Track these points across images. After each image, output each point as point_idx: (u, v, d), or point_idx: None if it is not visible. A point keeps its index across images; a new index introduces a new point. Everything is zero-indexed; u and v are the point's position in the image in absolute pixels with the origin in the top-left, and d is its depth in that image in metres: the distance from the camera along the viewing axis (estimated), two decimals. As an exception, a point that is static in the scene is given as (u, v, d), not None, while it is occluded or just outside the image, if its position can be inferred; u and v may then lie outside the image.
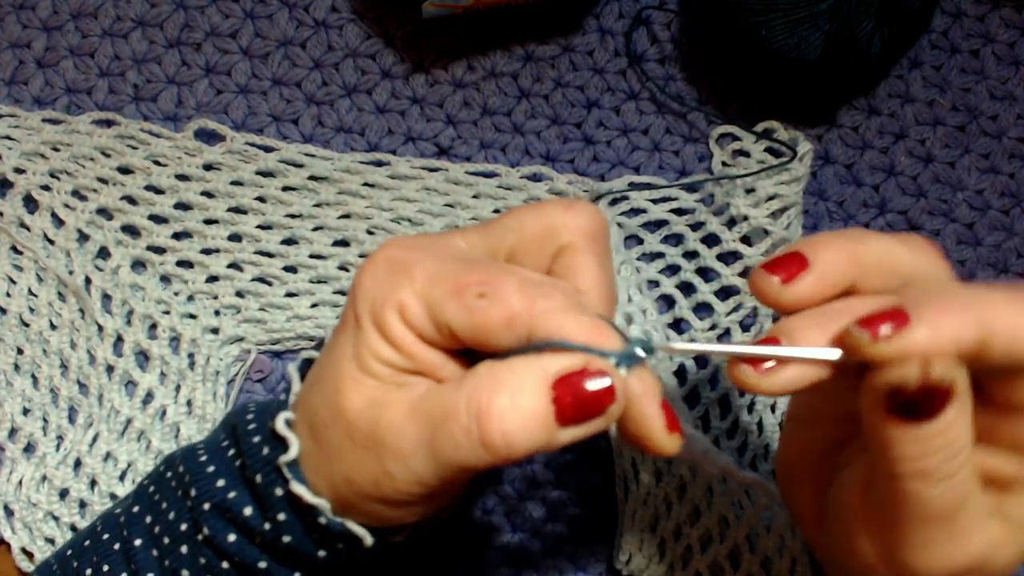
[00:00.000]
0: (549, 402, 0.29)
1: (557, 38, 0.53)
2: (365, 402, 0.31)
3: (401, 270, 0.32)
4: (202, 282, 0.50)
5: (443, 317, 0.31)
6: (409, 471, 0.31)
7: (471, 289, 0.30)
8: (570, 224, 0.33)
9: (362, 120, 0.53)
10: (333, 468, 0.32)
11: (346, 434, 0.32)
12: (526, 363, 0.30)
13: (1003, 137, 0.54)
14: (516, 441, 0.29)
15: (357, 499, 0.32)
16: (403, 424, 0.30)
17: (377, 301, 0.31)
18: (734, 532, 0.48)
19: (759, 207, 0.49)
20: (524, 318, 0.30)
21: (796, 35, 0.48)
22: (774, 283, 0.31)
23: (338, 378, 0.32)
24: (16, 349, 0.49)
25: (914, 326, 0.29)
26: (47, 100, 0.51)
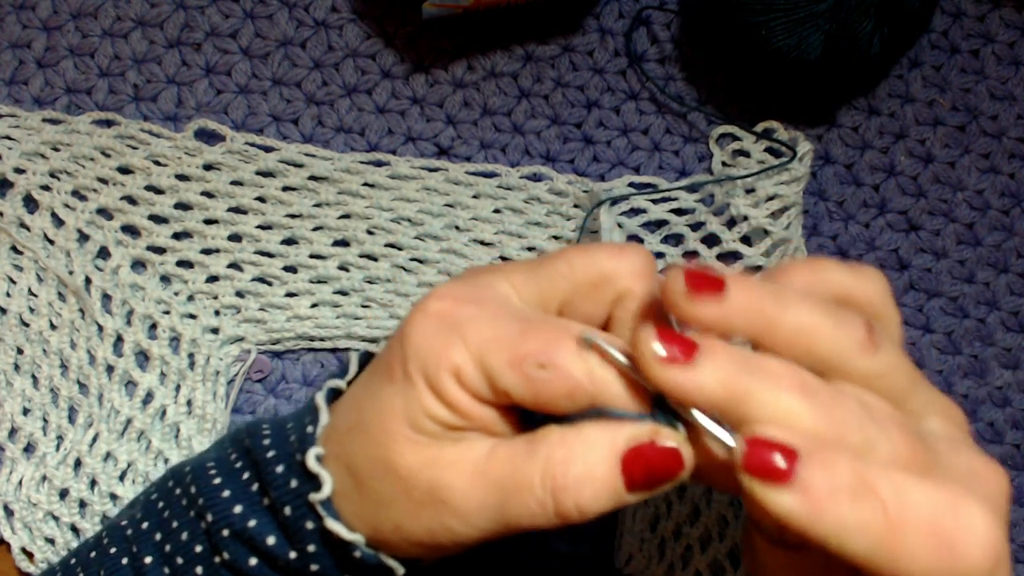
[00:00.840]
0: (619, 473, 0.29)
1: (557, 38, 0.53)
2: (421, 461, 0.31)
3: (453, 329, 0.31)
4: (202, 282, 0.50)
5: (501, 384, 0.30)
6: (472, 528, 0.31)
7: (529, 360, 0.30)
8: (624, 269, 0.32)
9: (362, 120, 0.53)
10: (380, 515, 0.32)
11: (401, 490, 0.31)
12: (597, 433, 0.30)
13: (1003, 137, 0.54)
14: (589, 510, 0.29)
15: (404, 544, 0.32)
16: (468, 488, 0.31)
17: (430, 361, 0.31)
18: (734, 531, 0.48)
19: (759, 207, 0.49)
20: (586, 390, 0.30)
21: (796, 35, 0.48)
22: (681, 287, 0.29)
23: (388, 434, 0.32)
24: (16, 349, 0.49)
25: (786, 490, 0.26)
26: (47, 100, 0.51)
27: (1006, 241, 0.54)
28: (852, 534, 0.25)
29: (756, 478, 0.26)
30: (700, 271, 0.29)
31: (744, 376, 0.27)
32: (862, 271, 0.32)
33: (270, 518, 0.35)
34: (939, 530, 0.25)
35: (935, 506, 0.26)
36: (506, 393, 0.30)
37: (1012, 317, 0.54)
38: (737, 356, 0.28)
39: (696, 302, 0.28)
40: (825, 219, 0.54)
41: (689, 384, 0.28)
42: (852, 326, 0.29)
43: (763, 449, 0.26)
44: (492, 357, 0.30)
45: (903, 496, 0.26)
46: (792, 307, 0.29)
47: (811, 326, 0.29)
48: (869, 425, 0.27)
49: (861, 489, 0.26)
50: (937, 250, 0.54)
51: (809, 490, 0.25)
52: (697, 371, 0.27)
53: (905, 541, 0.25)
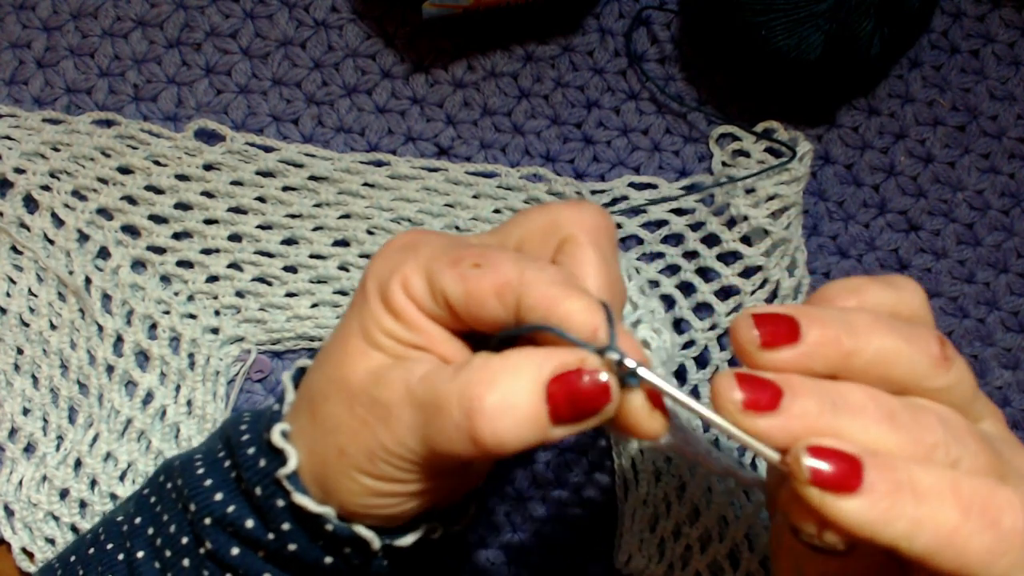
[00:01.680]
0: (543, 401, 0.29)
1: (557, 38, 0.53)
2: (368, 376, 0.32)
3: (409, 248, 0.33)
4: (202, 282, 0.51)
5: (439, 285, 0.31)
6: (403, 447, 0.31)
7: (467, 260, 0.31)
8: (573, 218, 0.33)
9: (362, 120, 0.53)
10: (327, 441, 0.33)
11: (346, 405, 0.32)
12: (521, 358, 0.29)
13: (1003, 137, 0.54)
14: (506, 440, 0.29)
15: (347, 473, 0.32)
16: (400, 405, 0.31)
17: (384, 276, 0.32)
18: (733, 531, 0.48)
19: (759, 207, 0.49)
20: (514, 286, 0.30)
21: (796, 35, 0.48)
22: (754, 339, 0.28)
23: (344, 352, 0.33)
24: (16, 349, 0.49)
25: (854, 497, 0.26)
26: (47, 100, 0.51)
27: (1006, 241, 0.54)
28: (920, 531, 0.26)
29: (822, 487, 0.26)
30: (769, 315, 0.28)
31: (831, 416, 0.27)
32: (899, 284, 0.32)
33: (245, 501, 0.35)
34: (999, 522, 0.26)
35: (997, 499, 0.26)
36: (443, 294, 0.31)
37: (1012, 317, 0.54)
38: (822, 394, 0.28)
39: (771, 351, 0.28)
40: (825, 219, 0.54)
41: (776, 431, 0.27)
42: (926, 344, 0.29)
43: (827, 458, 0.26)
44: (435, 263, 0.31)
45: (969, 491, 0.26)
46: (867, 334, 0.29)
47: (889, 351, 0.29)
48: (953, 444, 0.28)
49: (925, 489, 0.26)
50: (937, 250, 0.54)
51: (876, 493, 0.26)
52: (783, 416, 0.27)
53: (968, 534, 0.26)
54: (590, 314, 0.29)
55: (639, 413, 0.30)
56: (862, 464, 0.26)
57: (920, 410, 0.28)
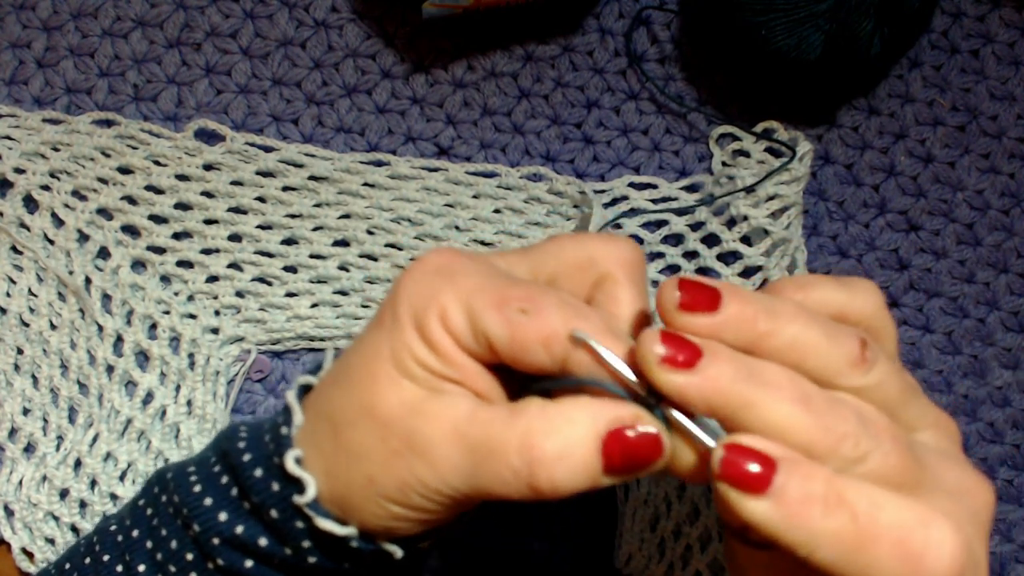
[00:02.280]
0: (599, 452, 0.29)
1: (557, 38, 0.53)
2: (402, 405, 0.31)
3: (446, 276, 0.32)
4: (202, 282, 0.51)
5: (482, 326, 0.31)
6: (444, 485, 0.31)
7: (513, 304, 0.30)
8: (610, 255, 0.33)
9: (362, 120, 0.53)
10: (354, 467, 0.32)
11: (377, 435, 0.31)
12: (578, 409, 0.30)
13: (1003, 137, 0.54)
14: (562, 487, 0.30)
15: (374, 500, 0.32)
16: (445, 444, 0.30)
17: (419, 303, 0.31)
18: (734, 532, 0.48)
19: (759, 207, 0.49)
20: (562, 339, 0.30)
21: (796, 35, 0.48)
22: (674, 299, 0.29)
23: (372, 376, 0.32)
24: (16, 349, 0.49)
25: (762, 498, 0.26)
26: (47, 100, 0.51)
27: (1006, 241, 0.54)
28: (822, 543, 0.26)
29: (731, 485, 0.26)
30: (694, 282, 0.29)
31: (744, 384, 0.28)
32: (854, 285, 0.32)
33: (256, 521, 0.34)
34: (908, 545, 0.26)
35: (908, 522, 0.26)
36: (486, 336, 0.31)
37: (1012, 317, 0.54)
38: (739, 363, 0.28)
39: (688, 314, 0.29)
40: (825, 219, 0.54)
41: (690, 388, 0.28)
42: (846, 342, 0.29)
43: (741, 456, 0.27)
44: (477, 299, 0.31)
45: (877, 510, 0.26)
46: (785, 321, 0.29)
47: (804, 341, 0.29)
48: (864, 437, 0.28)
49: (834, 500, 0.26)
50: (937, 250, 0.54)
51: (783, 499, 0.26)
52: (698, 375, 0.28)
53: (874, 553, 0.26)
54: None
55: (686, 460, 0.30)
56: (776, 466, 0.26)
57: (838, 400, 0.28)
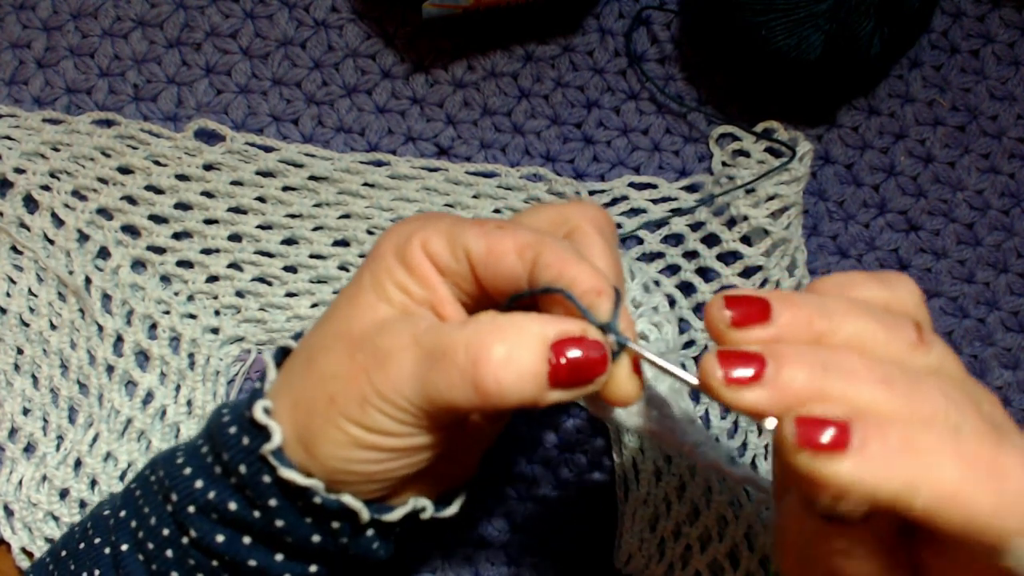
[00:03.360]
0: (545, 361, 0.30)
1: (557, 38, 0.53)
2: (374, 324, 0.33)
3: (428, 217, 0.35)
4: (202, 282, 0.51)
5: (462, 240, 0.33)
6: (398, 394, 0.32)
7: (490, 224, 0.34)
8: (579, 212, 0.36)
9: (362, 120, 0.53)
10: (319, 389, 0.34)
11: (347, 353, 0.33)
12: (528, 319, 0.31)
13: (1003, 137, 0.54)
14: (508, 391, 0.30)
15: (334, 421, 0.33)
16: (401, 352, 0.32)
17: (400, 238, 0.35)
18: (733, 531, 0.48)
19: (759, 207, 0.49)
20: (533, 246, 0.33)
21: (796, 35, 0.48)
22: (725, 318, 0.29)
23: (352, 305, 0.35)
24: (16, 349, 0.49)
25: (845, 458, 0.26)
26: (47, 100, 0.51)
27: (1006, 241, 0.54)
28: (921, 487, 0.26)
29: (812, 452, 0.26)
30: (742, 296, 0.29)
31: (822, 378, 0.27)
32: (893, 281, 0.32)
33: (226, 484, 0.35)
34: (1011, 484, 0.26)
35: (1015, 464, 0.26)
36: (465, 249, 0.33)
37: (1012, 317, 0.54)
38: (811, 359, 0.27)
39: (743, 330, 0.29)
40: (825, 219, 0.54)
41: (767, 403, 0.27)
42: (903, 328, 0.29)
43: (811, 425, 0.26)
44: (459, 224, 0.34)
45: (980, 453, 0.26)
46: (840, 318, 0.29)
47: (862, 333, 0.29)
48: (953, 411, 0.27)
49: (921, 447, 0.26)
50: (937, 250, 0.54)
51: (865, 452, 0.26)
52: (769, 387, 0.27)
53: (975, 494, 0.26)
54: (598, 280, 0.32)
55: (620, 377, 0.32)
56: (849, 425, 0.26)
57: (918, 377, 0.28)
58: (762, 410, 0.27)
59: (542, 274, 0.32)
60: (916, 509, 0.26)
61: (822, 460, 0.26)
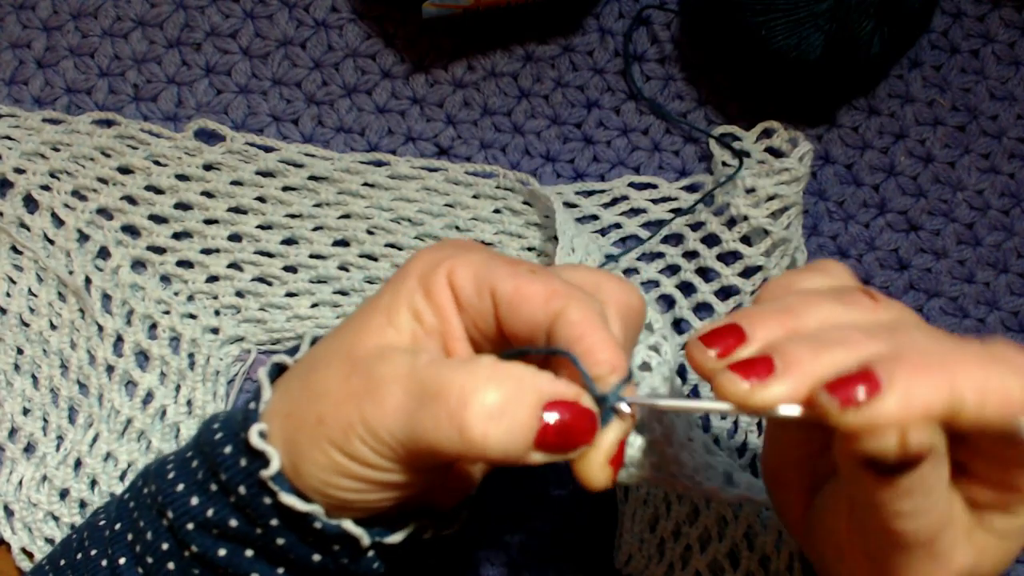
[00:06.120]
0: (536, 420, 0.30)
1: (557, 38, 0.53)
2: (376, 348, 0.33)
3: (460, 247, 0.35)
4: (202, 282, 0.51)
5: (491, 278, 0.33)
6: (383, 428, 0.31)
7: (524, 267, 0.33)
8: (615, 293, 0.35)
9: (362, 120, 0.53)
10: (310, 406, 0.33)
11: (343, 373, 0.33)
12: (528, 372, 0.31)
13: (1003, 137, 0.54)
14: (491, 444, 0.30)
15: (318, 443, 0.32)
16: (395, 383, 0.31)
17: (429, 264, 0.34)
18: (733, 531, 0.48)
19: (759, 207, 0.49)
20: (562, 298, 0.32)
21: (796, 35, 0.48)
22: (711, 358, 0.30)
23: (362, 323, 0.34)
24: (16, 349, 0.49)
25: (885, 394, 0.27)
26: (47, 100, 0.51)
27: (1006, 241, 0.54)
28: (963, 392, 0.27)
29: (857, 407, 0.27)
30: (713, 331, 0.30)
31: (824, 351, 0.29)
32: (826, 266, 0.34)
33: (225, 503, 0.35)
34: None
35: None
36: (492, 287, 0.33)
37: (1012, 317, 0.54)
38: (806, 343, 0.29)
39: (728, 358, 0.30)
40: (825, 219, 0.54)
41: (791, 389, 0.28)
42: (856, 297, 0.31)
43: (839, 385, 0.28)
44: (491, 261, 0.33)
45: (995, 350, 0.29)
46: (803, 310, 0.31)
47: (828, 314, 0.31)
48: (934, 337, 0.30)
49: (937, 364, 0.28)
50: (937, 250, 0.54)
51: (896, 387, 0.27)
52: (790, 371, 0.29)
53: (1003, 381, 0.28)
54: (617, 357, 0.31)
55: (593, 462, 0.31)
56: (872, 371, 0.27)
57: (892, 325, 0.30)
58: (791, 395, 0.28)
59: (563, 330, 0.31)
60: (967, 412, 0.27)
61: (869, 407, 0.27)
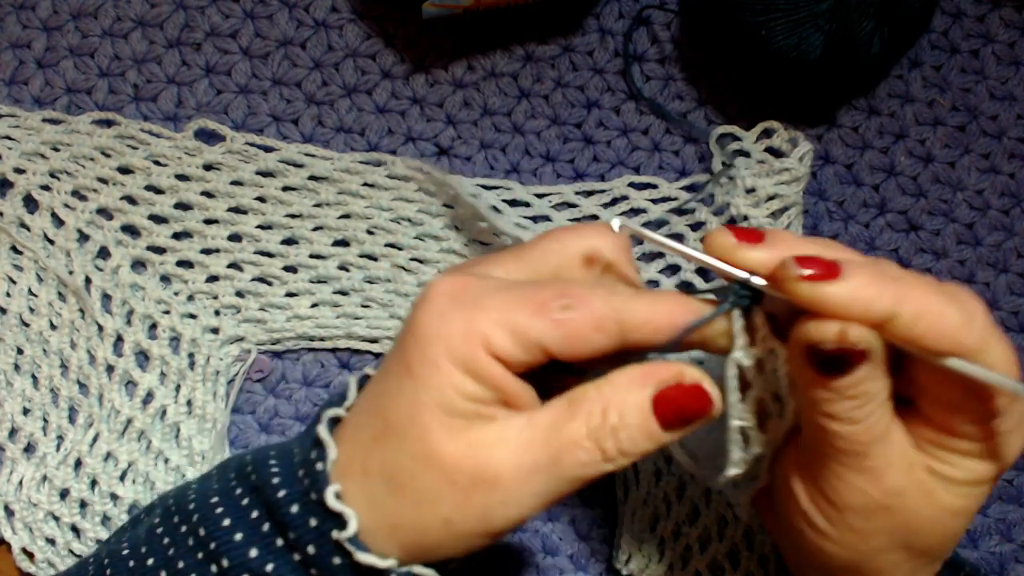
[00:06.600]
0: (652, 416, 0.32)
1: (557, 38, 0.53)
2: (463, 447, 0.32)
3: (468, 302, 0.32)
4: (202, 282, 0.51)
5: (534, 336, 0.32)
6: (527, 496, 0.32)
7: (553, 304, 0.32)
8: (610, 244, 0.35)
9: (362, 120, 0.53)
10: (425, 513, 0.33)
11: (446, 480, 0.32)
12: (626, 380, 0.33)
13: (1003, 137, 0.54)
14: (631, 453, 0.33)
15: (453, 538, 0.33)
16: (517, 459, 0.32)
17: (455, 341, 0.32)
18: (733, 531, 0.48)
19: (759, 207, 0.49)
20: (612, 316, 0.32)
21: (796, 35, 0.48)
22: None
23: (423, 428, 0.32)
24: (16, 349, 0.49)
25: (839, 282, 0.30)
26: (47, 100, 0.51)
27: (1006, 241, 0.54)
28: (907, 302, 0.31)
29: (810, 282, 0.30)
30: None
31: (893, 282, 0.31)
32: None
33: (287, 558, 0.34)
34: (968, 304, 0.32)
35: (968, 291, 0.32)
36: (539, 344, 0.32)
37: (1012, 317, 0.54)
38: (872, 264, 0.32)
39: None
40: (825, 219, 0.54)
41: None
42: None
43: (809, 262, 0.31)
44: (516, 315, 0.32)
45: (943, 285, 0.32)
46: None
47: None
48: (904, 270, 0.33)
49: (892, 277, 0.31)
50: (937, 250, 0.54)
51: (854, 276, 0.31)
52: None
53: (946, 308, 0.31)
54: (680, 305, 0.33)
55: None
56: (839, 264, 0.31)
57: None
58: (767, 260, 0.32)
59: (632, 336, 0.33)
60: (901, 322, 0.30)
61: (822, 286, 0.30)
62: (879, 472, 0.33)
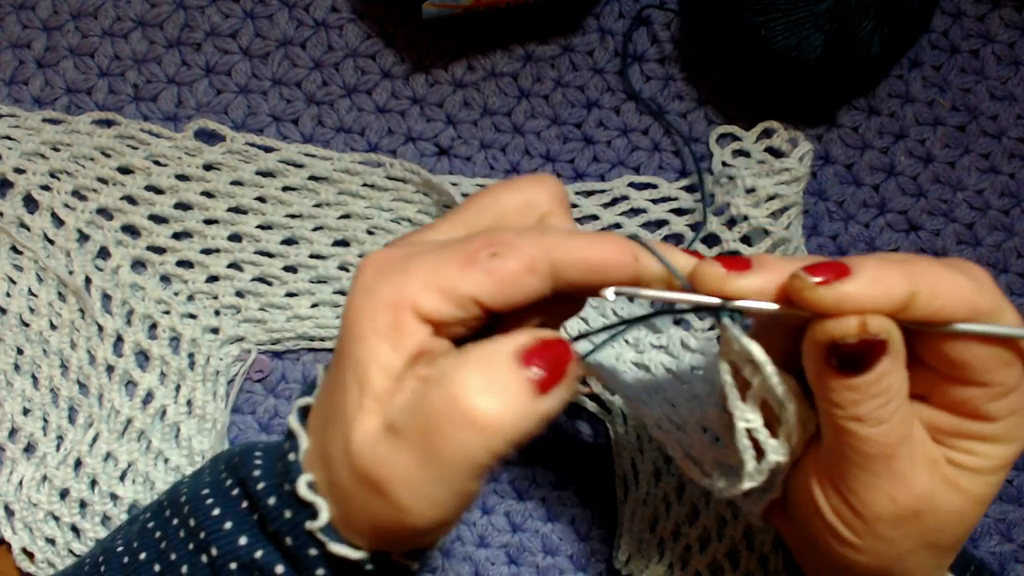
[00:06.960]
0: (521, 369, 0.29)
1: (557, 38, 0.53)
2: (365, 438, 0.30)
3: (396, 271, 0.31)
4: (202, 282, 0.51)
5: (464, 291, 0.30)
6: (423, 497, 0.30)
7: (481, 254, 0.30)
8: (547, 193, 0.34)
9: (362, 120, 0.53)
10: (356, 519, 0.32)
11: (354, 480, 0.31)
12: (490, 343, 0.30)
13: (1003, 137, 0.54)
14: (502, 417, 0.29)
15: (396, 542, 0.32)
16: (393, 453, 0.30)
17: (379, 310, 0.30)
18: (732, 531, 0.48)
19: (759, 207, 0.49)
20: (542, 257, 0.31)
21: (796, 35, 0.48)
22: (811, 281, 0.31)
23: (347, 417, 0.31)
24: (16, 349, 0.49)
25: (854, 276, 0.31)
26: (47, 100, 0.51)
27: (1006, 241, 0.54)
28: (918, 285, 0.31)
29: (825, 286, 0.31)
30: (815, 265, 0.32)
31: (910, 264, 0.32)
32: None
33: (274, 547, 0.34)
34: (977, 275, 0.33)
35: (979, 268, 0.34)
36: (472, 298, 0.30)
37: (1012, 317, 0.54)
38: (876, 256, 0.32)
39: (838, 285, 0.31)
40: (825, 219, 0.54)
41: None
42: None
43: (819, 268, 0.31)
44: (445, 272, 0.30)
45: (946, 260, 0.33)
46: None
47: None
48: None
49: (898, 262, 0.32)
50: (937, 250, 0.54)
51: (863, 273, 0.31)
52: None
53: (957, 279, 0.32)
54: (624, 246, 0.32)
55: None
56: (845, 263, 0.31)
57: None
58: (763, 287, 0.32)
59: (566, 274, 0.31)
60: (921, 300, 0.31)
61: (841, 284, 0.31)
62: (907, 475, 0.33)
